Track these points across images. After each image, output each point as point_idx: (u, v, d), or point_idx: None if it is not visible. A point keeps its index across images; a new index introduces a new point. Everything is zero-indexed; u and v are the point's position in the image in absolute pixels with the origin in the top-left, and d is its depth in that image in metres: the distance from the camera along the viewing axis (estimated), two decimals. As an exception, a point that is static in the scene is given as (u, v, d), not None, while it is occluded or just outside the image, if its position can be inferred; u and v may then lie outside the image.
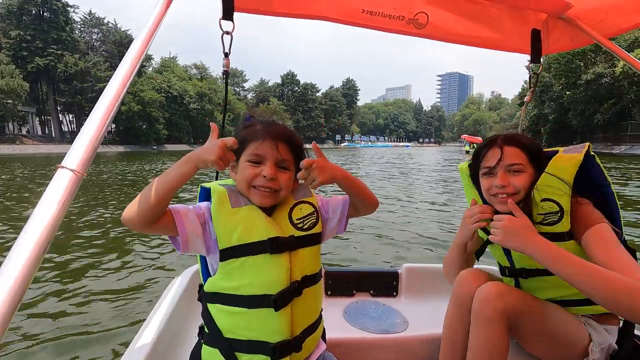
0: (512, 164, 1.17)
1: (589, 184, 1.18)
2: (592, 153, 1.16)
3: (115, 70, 0.82)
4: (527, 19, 1.69)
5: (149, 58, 64.69)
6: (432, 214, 6.89)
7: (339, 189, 1.06)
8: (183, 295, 1.54)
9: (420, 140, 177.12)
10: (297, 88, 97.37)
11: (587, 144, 1.16)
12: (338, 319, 1.63)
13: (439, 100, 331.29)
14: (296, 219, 1.05)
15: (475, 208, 1.25)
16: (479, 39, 1.71)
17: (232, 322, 0.98)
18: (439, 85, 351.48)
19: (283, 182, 1.01)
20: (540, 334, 1.16)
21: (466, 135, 51.80)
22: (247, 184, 1.00)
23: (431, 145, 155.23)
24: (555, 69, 39.51)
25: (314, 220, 1.07)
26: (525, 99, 1.66)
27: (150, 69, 66.18)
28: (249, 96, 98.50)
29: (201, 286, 1.06)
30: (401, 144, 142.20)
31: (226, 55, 1.42)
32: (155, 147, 56.20)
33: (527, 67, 1.76)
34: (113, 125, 57.27)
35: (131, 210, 0.87)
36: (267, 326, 0.97)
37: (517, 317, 1.12)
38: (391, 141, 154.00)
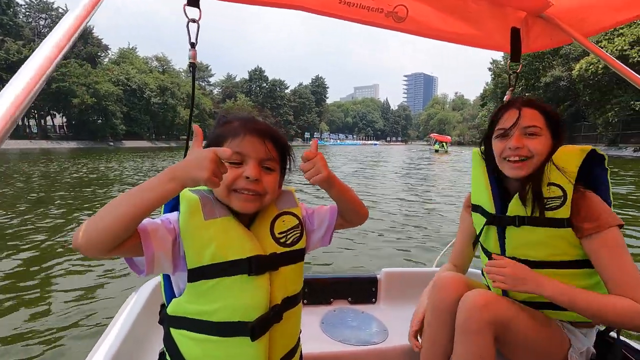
0: (529, 126, 1.13)
1: (591, 184, 1.16)
2: (607, 167, 1.16)
3: (66, 60, 0.69)
4: (507, 16, 1.68)
5: (105, 48, 61.47)
6: (411, 215, 6.97)
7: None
8: (140, 316, 1.37)
9: (388, 138, 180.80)
10: (265, 84, 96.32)
11: (603, 152, 1.15)
12: (315, 330, 1.56)
13: (405, 99, 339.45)
14: (278, 233, 0.93)
15: None
16: (458, 36, 1.68)
17: (200, 351, 0.85)
18: (406, 85, 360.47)
19: (268, 184, 0.90)
20: (523, 342, 1.14)
21: (435, 134, 53.02)
22: (226, 188, 0.86)
23: (398, 143, 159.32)
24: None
25: (298, 234, 0.96)
26: (505, 98, 1.66)
27: (107, 59, 62.90)
28: (215, 91, 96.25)
29: (163, 306, 0.93)
30: (369, 142, 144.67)
31: (192, 45, 1.28)
32: (112, 143, 53.46)
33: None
34: (64, 119, 53.90)
35: (88, 233, 0.70)
36: (242, 357, 0.86)
37: (504, 328, 1.09)
38: (360, 139, 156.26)
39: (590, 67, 29.26)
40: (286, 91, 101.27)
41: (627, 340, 1.26)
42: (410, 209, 7.46)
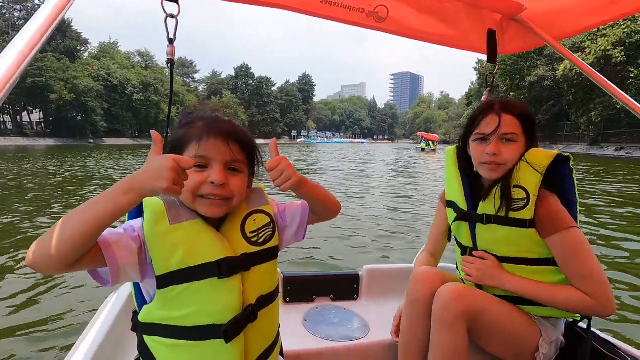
0: (506, 133, 1.19)
1: (559, 190, 1.22)
2: (572, 167, 1.22)
3: (43, 53, 0.65)
4: (483, 19, 1.74)
5: (85, 42, 59.94)
6: (393, 212, 7.05)
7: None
8: (116, 322, 1.36)
9: (375, 137, 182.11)
10: (251, 81, 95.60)
11: (569, 154, 1.21)
12: (297, 328, 1.58)
13: (392, 98, 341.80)
14: (250, 232, 0.92)
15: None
16: (437, 36, 1.73)
17: (174, 356, 0.85)
18: (392, 84, 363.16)
19: (235, 187, 0.87)
20: (496, 332, 1.20)
21: (423, 133, 53.19)
22: (191, 194, 0.84)
23: (385, 142, 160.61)
24: (502, 69, 42.56)
25: (270, 232, 0.96)
26: (483, 97, 1.72)
27: (87, 54, 61.32)
28: (200, 88, 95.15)
29: (135, 313, 0.91)
30: (357, 140, 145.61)
31: (171, 41, 1.26)
32: (92, 141, 52.25)
33: (482, 68, 1.82)
34: (41, 115, 52.42)
35: (41, 250, 0.66)
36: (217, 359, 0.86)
37: (476, 318, 1.15)
38: (347, 137, 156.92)
39: (575, 67, 29.82)
40: (273, 89, 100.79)
41: (597, 332, 1.33)
42: (396, 206, 7.55)
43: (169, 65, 1.31)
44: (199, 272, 0.83)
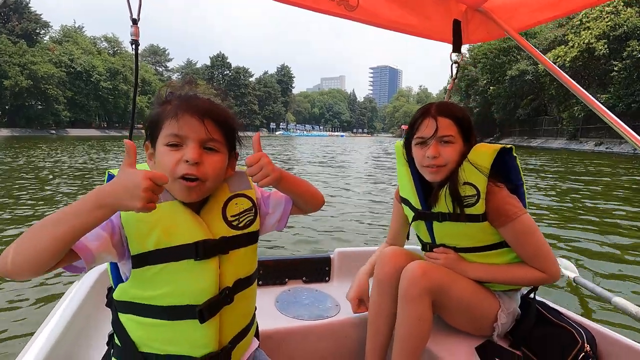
0: (444, 135, 1.27)
1: (506, 177, 1.33)
2: (515, 155, 1.31)
3: None
4: (450, 9, 1.83)
5: (45, 25, 57.16)
6: (366, 198, 7.21)
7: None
8: (89, 297, 1.39)
9: (354, 130, 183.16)
10: (228, 71, 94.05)
11: (511, 145, 1.32)
12: (269, 309, 1.63)
13: (371, 92, 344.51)
14: (231, 216, 0.94)
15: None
16: (407, 26, 1.81)
17: (148, 334, 0.87)
18: (371, 77, 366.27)
19: (211, 167, 0.86)
20: (458, 305, 1.31)
21: (406, 126, 53.51)
22: (170, 175, 0.83)
23: (364, 135, 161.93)
24: (482, 63, 43.39)
25: (252, 217, 0.98)
26: (448, 87, 1.82)
27: (47, 37, 58.50)
28: (174, 77, 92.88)
29: (110, 289, 0.94)
30: (336, 133, 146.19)
31: (134, 22, 1.28)
32: (54, 132, 50.13)
33: (461, 60, 1.91)
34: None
35: (15, 261, 0.67)
36: (191, 340, 0.88)
37: (440, 293, 1.26)
38: (326, 130, 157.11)
39: (558, 60, 29.73)
40: (250, 79, 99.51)
41: (542, 299, 1.49)
42: (372, 195, 7.70)
43: (134, 46, 1.32)
44: (175, 253, 0.85)
